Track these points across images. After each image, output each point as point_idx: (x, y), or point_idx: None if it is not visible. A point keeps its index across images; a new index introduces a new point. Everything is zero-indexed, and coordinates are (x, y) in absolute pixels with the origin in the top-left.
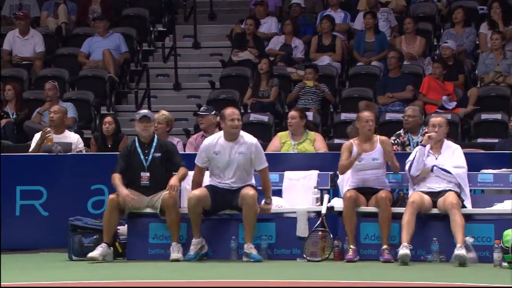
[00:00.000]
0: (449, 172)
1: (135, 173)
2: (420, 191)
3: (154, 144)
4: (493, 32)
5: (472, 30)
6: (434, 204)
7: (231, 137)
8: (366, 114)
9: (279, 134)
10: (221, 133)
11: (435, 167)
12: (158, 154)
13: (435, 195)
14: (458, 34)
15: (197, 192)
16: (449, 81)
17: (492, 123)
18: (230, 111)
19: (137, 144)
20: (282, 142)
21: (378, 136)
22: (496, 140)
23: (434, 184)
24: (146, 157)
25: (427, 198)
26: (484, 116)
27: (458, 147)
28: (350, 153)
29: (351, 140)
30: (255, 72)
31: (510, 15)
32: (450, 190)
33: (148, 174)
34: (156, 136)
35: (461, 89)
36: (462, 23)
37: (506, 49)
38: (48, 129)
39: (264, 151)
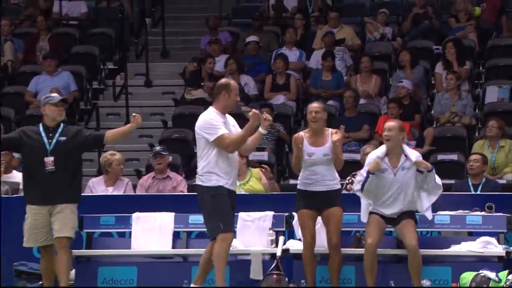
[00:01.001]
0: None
1: (37, 160)
2: (375, 213)
3: (60, 129)
4: (448, 72)
5: (420, 68)
6: (391, 221)
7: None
8: (313, 105)
9: None
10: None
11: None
12: (63, 138)
13: (390, 221)
14: (409, 76)
15: None
16: (405, 121)
17: (448, 163)
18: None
19: (41, 128)
20: None
21: (330, 130)
22: (453, 181)
23: (389, 210)
24: (50, 141)
25: (383, 227)
26: (440, 156)
27: (418, 154)
28: (302, 145)
29: (302, 132)
30: None
31: (464, 55)
32: (407, 213)
33: (52, 158)
34: (62, 123)
35: (418, 129)
36: (409, 66)
37: (462, 89)
38: None
39: None
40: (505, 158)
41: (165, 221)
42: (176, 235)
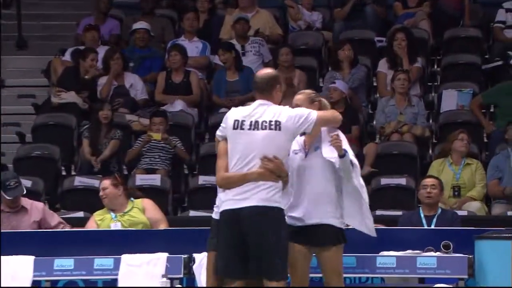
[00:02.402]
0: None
1: None
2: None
3: None
4: (396, 71)
5: (361, 68)
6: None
7: None
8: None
9: (95, 213)
10: None
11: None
12: None
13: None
14: (345, 76)
15: None
16: None
17: (394, 190)
18: None
19: None
20: (99, 220)
21: None
22: (400, 213)
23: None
24: None
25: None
26: (384, 181)
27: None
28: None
29: None
30: (93, 121)
31: (415, 50)
32: (325, 231)
33: None
34: None
35: (355, 144)
36: (349, 64)
37: (411, 93)
38: None
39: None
40: (471, 177)
41: (20, 266)
42: (36, 284)
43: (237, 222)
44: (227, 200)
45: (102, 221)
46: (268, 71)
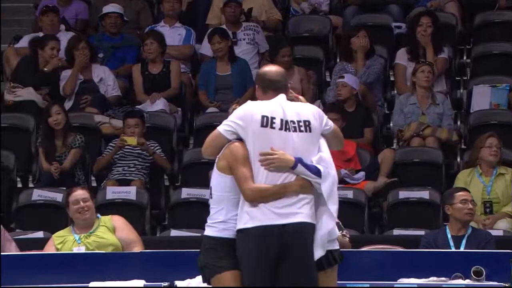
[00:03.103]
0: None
1: None
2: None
3: None
4: (418, 63)
5: (377, 59)
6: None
7: None
8: None
9: (54, 235)
10: None
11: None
12: None
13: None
14: (358, 69)
15: None
16: (349, 138)
17: (415, 205)
18: None
19: None
20: (59, 244)
21: None
22: (422, 232)
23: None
24: None
25: None
26: (403, 194)
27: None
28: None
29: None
30: (44, 126)
31: (440, 37)
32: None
33: None
34: None
35: (369, 150)
36: (363, 55)
37: (436, 89)
38: None
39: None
40: (506, 190)
41: None
42: None
43: (279, 238)
44: (264, 214)
45: (63, 244)
46: (277, 67)
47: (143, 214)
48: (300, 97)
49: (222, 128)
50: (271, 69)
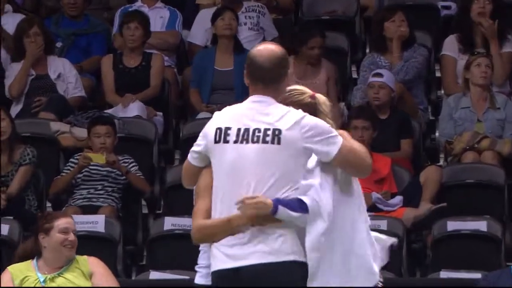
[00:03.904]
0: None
1: None
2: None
3: None
4: (473, 55)
5: (419, 49)
6: None
7: None
8: None
9: (10, 267)
10: None
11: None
12: None
13: None
14: (394, 62)
15: None
16: (382, 152)
17: (469, 238)
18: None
19: None
20: (21, 280)
21: None
22: (479, 275)
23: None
24: None
25: None
26: (453, 225)
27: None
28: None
29: None
30: None
31: (503, 23)
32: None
33: None
34: None
35: (407, 168)
36: (399, 45)
37: (495, 89)
38: None
39: None
40: None
41: None
42: None
43: (235, 285)
44: (217, 256)
45: (24, 282)
46: (272, 48)
47: (114, 250)
48: (319, 95)
49: (192, 149)
50: (260, 50)
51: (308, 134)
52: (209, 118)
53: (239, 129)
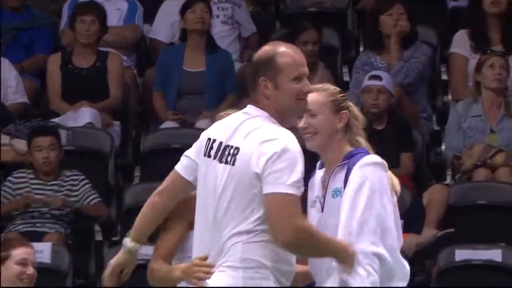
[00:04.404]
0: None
1: None
2: None
3: None
4: (485, 53)
5: (421, 46)
6: None
7: None
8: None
9: None
10: None
11: None
12: None
13: None
14: (392, 62)
15: None
16: None
17: (482, 270)
18: None
19: None
20: None
21: None
22: None
23: None
24: None
25: None
26: (463, 254)
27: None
28: None
29: None
30: None
31: None
32: None
33: None
34: None
35: (408, 187)
36: (398, 41)
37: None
38: None
39: None
40: None
41: None
42: None
43: None
44: None
45: None
46: (266, 47)
47: (63, 284)
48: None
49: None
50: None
51: (269, 162)
52: (175, 128)
53: (220, 143)
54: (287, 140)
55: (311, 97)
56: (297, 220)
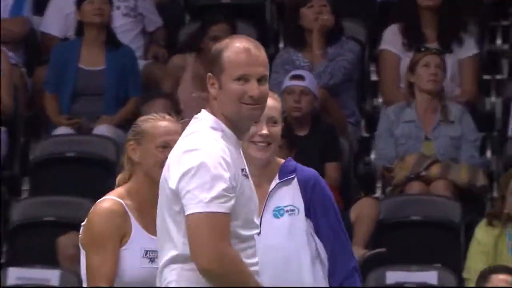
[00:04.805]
0: None
1: None
2: None
3: None
4: (420, 51)
5: (347, 43)
6: None
7: None
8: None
9: None
10: None
11: None
12: None
13: None
14: (314, 61)
15: None
16: None
17: None
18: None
19: None
20: None
21: None
22: None
23: None
24: None
25: None
26: (394, 276)
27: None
28: None
29: None
30: None
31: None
32: None
33: None
34: None
35: (336, 199)
36: (322, 38)
37: (449, 93)
38: None
39: None
40: None
41: None
42: None
43: None
44: None
45: None
46: (224, 39)
47: None
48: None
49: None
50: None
51: (185, 178)
52: (70, 135)
53: None
54: (210, 151)
55: (271, 103)
56: (220, 244)
